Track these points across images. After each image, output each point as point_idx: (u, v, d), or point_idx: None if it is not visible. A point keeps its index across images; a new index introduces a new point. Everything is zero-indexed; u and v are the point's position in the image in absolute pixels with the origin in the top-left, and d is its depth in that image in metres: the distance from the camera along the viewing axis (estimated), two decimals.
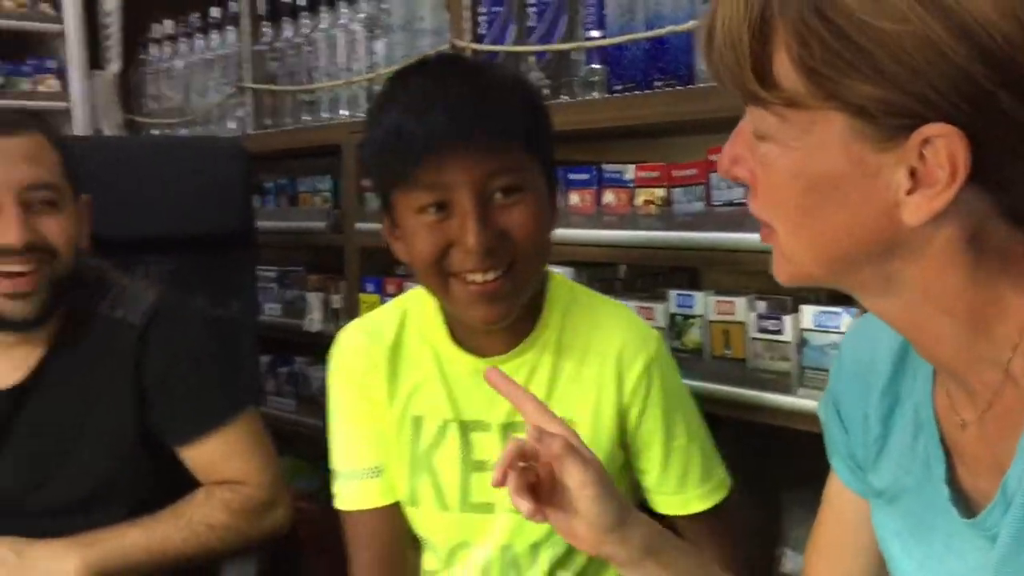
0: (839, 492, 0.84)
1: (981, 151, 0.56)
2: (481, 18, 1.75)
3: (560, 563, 1.14)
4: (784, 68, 0.59)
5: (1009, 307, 0.62)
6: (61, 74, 2.65)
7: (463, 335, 1.13)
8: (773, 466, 1.50)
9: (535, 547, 1.13)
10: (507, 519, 1.12)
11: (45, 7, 2.61)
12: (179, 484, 1.32)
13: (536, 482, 0.81)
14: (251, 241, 1.89)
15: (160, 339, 1.30)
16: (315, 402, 2.28)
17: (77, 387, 1.29)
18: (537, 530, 1.11)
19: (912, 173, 0.58)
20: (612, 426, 1.11)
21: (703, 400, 1.35)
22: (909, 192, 0.58)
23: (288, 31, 2.35)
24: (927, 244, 0.60)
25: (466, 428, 1.13)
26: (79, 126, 2.68)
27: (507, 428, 1.11)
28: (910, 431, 0.74)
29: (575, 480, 0.79)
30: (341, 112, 2.18)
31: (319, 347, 2.32)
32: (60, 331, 1.29)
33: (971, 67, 0.54)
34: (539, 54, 1.64)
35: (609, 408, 1.11)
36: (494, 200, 1.01)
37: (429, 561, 1.19)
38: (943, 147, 0.56)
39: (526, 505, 0.79)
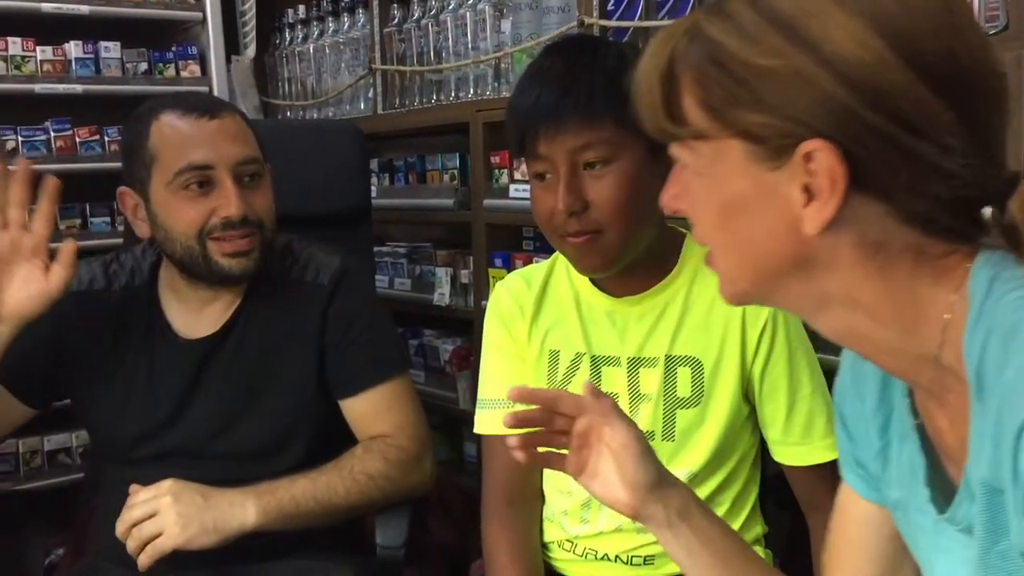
0: (848, 497, 0.87)
1: (857, 162, 0.63)
2: None
3: None
4: (690, 107, 0.69)
5: (928, 305, 0.67)
6: (202, 60, 2.77)
7: (601, 278, 1.23)
8: None
9: None
10: None
11: None
12: (337, 441, 1.40)
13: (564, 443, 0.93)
14: (368, 218, 1.95)
15: (344, 298, 1.42)
16: (443, 374, 2.35)
17: (267, 340, 1.40)
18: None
19: (806, 189, 0.65)
20: (735, 373, 1.18)
21: None
22: (805, 205, 0.66)
23: (417, 12, 2.40)
24: (835, 254, 0.67)
25: (597, 362, 1.23)
26: None
27: (634, 363, 1.21)
28: (897, 439, 0.78)
29: (620, 438, 0.89)
30: (469, 91, 2.22)
31: (447, 321, 2.40)
32: (251, 290, 1.41)
33: (836, 91, 0.62)
34: None
35: (733, 355, 1.18)
36: (582, 172, 1.12)
37: (554, 480, 1.27)
38: (823, 160, 0.64)
39: (513, 439, 0.92)
